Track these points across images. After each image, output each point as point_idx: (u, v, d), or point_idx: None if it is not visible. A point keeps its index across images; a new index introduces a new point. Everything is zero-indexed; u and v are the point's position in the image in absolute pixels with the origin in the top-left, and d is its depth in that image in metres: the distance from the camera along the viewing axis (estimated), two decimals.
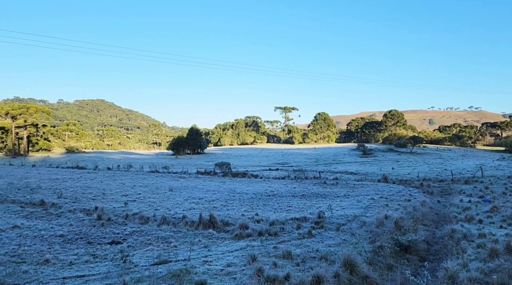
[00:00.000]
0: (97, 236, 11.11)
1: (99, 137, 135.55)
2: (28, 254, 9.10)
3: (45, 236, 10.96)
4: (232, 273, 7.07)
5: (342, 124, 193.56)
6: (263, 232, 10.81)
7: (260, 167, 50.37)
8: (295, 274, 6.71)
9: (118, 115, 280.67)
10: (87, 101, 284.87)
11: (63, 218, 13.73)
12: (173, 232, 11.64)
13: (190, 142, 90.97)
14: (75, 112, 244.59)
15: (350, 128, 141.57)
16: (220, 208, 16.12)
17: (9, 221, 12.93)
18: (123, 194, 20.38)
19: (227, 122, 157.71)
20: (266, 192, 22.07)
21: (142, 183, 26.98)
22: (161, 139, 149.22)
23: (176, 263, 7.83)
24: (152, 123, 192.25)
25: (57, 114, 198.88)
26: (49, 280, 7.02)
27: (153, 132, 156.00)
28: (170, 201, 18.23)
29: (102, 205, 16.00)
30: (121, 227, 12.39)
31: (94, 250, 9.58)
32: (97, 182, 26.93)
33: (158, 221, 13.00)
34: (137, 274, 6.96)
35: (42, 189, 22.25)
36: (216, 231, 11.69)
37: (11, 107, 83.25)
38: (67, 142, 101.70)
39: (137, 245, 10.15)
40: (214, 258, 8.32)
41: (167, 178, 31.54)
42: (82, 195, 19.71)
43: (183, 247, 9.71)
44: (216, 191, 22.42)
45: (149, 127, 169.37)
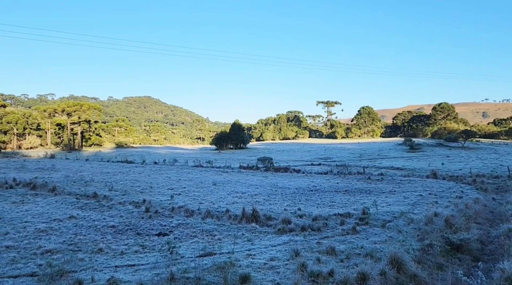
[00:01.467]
0: (145, 228, 11.57)
1: (146, 133, 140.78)
2: (83, 243, 9.66)
3: (98, 226, 11.58)
4: (276, 267, 7.09)
5: (388, 119, 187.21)
6: (306, 227, 10.74)
7: (302, 161, 50.02)
8: (339, 270, 6.62)
9: (163, 111, 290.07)
10: (134, 98, 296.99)
11: (114, 210, 14.43)
12: (217, 225, 11.86)
13: (233, 137, 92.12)
14: (123, 109, 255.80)
15: (396, 122, 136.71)
16: (263, 203, 16.20)
17: (66, 212, 13.80)
18: (169, 188, 21.05)
19: (269, 117, 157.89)
20: (309, 187, 21.89)
21: (187, 177, 27.71)
22: (205, 135, 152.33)
23: (220, 256, 7.99)
24: (195, 118, 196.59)
25: (107, 111, 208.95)
26: (103, 268, 7.41)
27: (196, 127, 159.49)
28: (214, 194, 18.59)
29: (150, 198, 16.64)
30: (167, 219, 12.81)
31: (143, 241, 9.99)
32: (145, 176, 28.01)
33: (202, 214, 13.31)
34: (184, 265, 7.17)
35: (95, 182, 23.50)
36: (259, 225, 11.77)
37: (67, 104, 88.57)
38: (116, 137, 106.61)
39: (183, 237, 10.45)
40: (257, 251, 8.39)
41: (211, 172, 32.18)
42: (131, 188, 20.59)
43: (227, 240, 9.88)
44: (259, 185, 22.55)
45: (193, 122, 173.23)
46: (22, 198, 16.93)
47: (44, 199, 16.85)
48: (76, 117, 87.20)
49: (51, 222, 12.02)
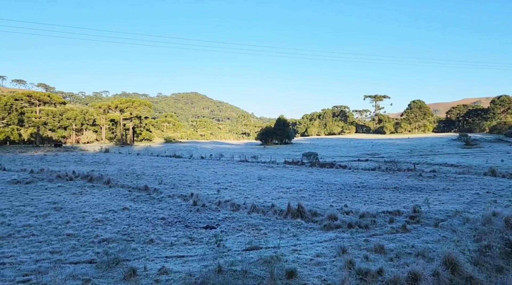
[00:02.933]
0: (193, 221, 11.90)
1: (193, 128, 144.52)
2: (136, 233, 10.13)
3: (149, 218, 12.09)
4: (322, 264, 7.02)
5: (441, 113, 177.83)
6: (353, 224, 10.51)
7: (348, 157, 48.95)
8: (388, 269, 6.42)
9: (210, 107, 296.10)
10: (182, 94, 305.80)
11: (164, 203, 14.98)
12: (263, 219, 11.94)
13: (278, 132, 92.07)
14: (172, 105, 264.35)
15: (449, 116, 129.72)
16: (308, 198, 16.08)
17: (120, 203, 14.54)
18: (216, 182, 21.48)
19: (314, 113, 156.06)
20: (355, 183, 21.40)
21: (233, 171, 28.13)
22: (250, 130, 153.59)
23: (266, 250, 8.04)
24: (241, 114, 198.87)
25: (156, 107, 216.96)
26: (154, 258, 7.73)
27: (242, 123, 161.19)
28: (259, 189, 18.72)
29: (197, 191, 17.09)
30: (214, 213, 13.10)
31: (191, 233, 10.29)
32: (192, 170, 28.80)
33: (248, 208, 13.46)
34: (231, 258, 7.30)
35: (146, 175, 24.53)
36: (305, 220, 11.70)
37: (120, 101, 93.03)
38: (165, 132, 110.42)
39: (229, 230, 10.64)
40: (303, 247, 8.34)
41: (256, 167, 32.42)
42: (179, 182, 21.26)
43: (272, 235, 9.92)
44: (304, 181, 22.40)
45: (238, 118, 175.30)
46: (80, 189, 18.05)
47: (100, 190, 17.85)
48: (128, 113, 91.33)
49: (107, 213, 12.72)
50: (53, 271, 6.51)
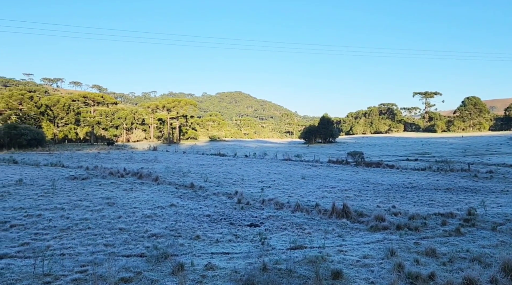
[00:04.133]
0: (238, 218, 12.05)
1: (237, 127, 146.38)
2: (183, 229, 10.43)
3: (195, 215, 12.39)
4: (369, 265, 6.84)
5: (498, 110, 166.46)
6: (402, 226, 10.13)
7: (396, 156, 47.24)
8: (441, 274, 6.13)
9: (253, 105, 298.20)
10: (226, 94, 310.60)
11: (209, 200, 15.29)
12: (307, 219, 11.84)
13: (321, 131, 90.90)
14: (216, 104, 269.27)
15: (508, 113, 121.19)
16: (354, 198, 15.73)
17: (167, 200, 15.03)
18: (259, 180, 21.60)
19: (359, 111, 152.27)
20: (404, 183, 20.62)
21: (276, 170, 28.14)
22: (293, 128, 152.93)
23: (311, 250, 7.97)
24: (284, 113, 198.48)
25: (201, 106, 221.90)
26: (201, 254, 7.92)
27: (285, 121, 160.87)
28: (303, 188, 18.59)
29: (241, 189, 17.27)
30: (258, 211, 13.17)
31: (235, 230, 10.42)
32: (236, 168, 29.16)
33: (292, 207, 13.41)
34: (275, 257, 7.31)
35: (191, 173, 25.18)
36: (350, 221, 11.46)
37: (167, 101, 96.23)
38: (210, 131, 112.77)
39: (273, 229, 10.65)
40: (349, 248, 8.18)
41: (299, 166, 32.21)
42: (224, 180, 21.61)
43: (317, 235, 9.80)
44: (349, 180, 21.94)
45: (282, 116, 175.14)
46: (131, 186, 18.89)
47: (149, 187, 18.57)
48: (175, 112, 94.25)
49: (155, 209, 13.21)
50: (108, 263, 6.87)
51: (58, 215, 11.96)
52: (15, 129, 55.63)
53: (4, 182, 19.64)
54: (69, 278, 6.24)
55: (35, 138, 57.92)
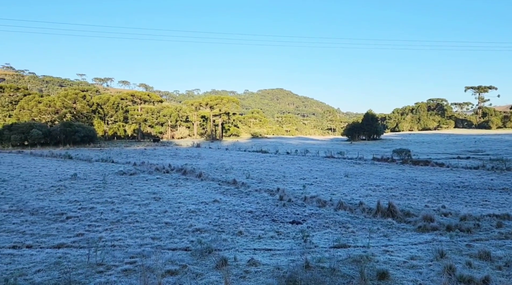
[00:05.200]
0: (280, 215, 12.05)
1: (278, 124, 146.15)
2: (225, 225, 10.61)
3: (238, 211, 12.55)
4: (417, 267, 6.58)
5: None
6: (452, 227, 9.66)
7: (446, 154, 45.05)
8: (496, 279, 5.78)
9: (295, 102, 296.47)
10: (268, 91, 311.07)
11: (251, 196, 15.41)
12: (350, 217, 11.62)
13: (365, 128, 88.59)
14: (258, 101, 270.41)
15: None
16: (400, 197, 15.20)
17: (211, 196, 15.33)
18: (301, 177, 21.46)
19: (405, 107, 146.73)
20: (454, 182, 19.62)
21: (318, 167, 27.82)
22: (335, 125, 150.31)
23: (355, 249, 7.80)
24: (326, 109, 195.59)
25: (243, 104, 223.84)
26: (243, 249, 8.01)
27: (327, 118, 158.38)
28: (346, 186, 18.24)
29: (283, 186, 17.25)
30: (300, 208, 13.10)
31: (277, 227, 10.44)
32: (278, 165, 29.15)
33: (335, 205, 13.20)
34: (318, 255, 7.24)
35: (234, 169, 25.49)
36: (396, 220, 11.09)
37: (210, 98, 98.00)
38: (252, 128, 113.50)
39: (315, 226, 10.55)
40: (395, 248, 7.92)
41: (342, 163, 31.61)
42: (265, 177, 21.68)
43: (361, 234, 9.59)
44: (395, 178, 21.22)
45: (324, 113, 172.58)
46: (176, 181, 19.46)
47: (192, 183, 19.04)
48: (217, 110, 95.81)
49: (199, 204, 13.52)
50: (155, 256, 7.14)
51: (109, 208, 12.59)
52: (69, 126, 59.15)
53: (61, 176, 20.96)
54: (119, 268, 6.55)
55: (88, 135, 61.26)
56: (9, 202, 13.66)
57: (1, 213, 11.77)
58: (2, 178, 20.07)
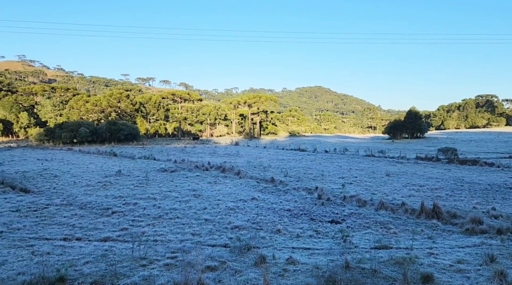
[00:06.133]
0: (318, 214, 11.91)
1: (316, 122, 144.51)
2: (264, 222, 10.64)
3: (276, 209, 12.54)
4: (464, 271, 6.26)
5: None
6: (504, 230, 9.11)
7: (497, 154, 42.55)
8: None
9: (333, 100, 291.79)
10: (306, 88, 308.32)
11: (289, 195, 15.35)
12: (392, 218, 11.27)
13: (408, 125, 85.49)
14: (296, 99, 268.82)
15: None
16: (445, 198, 14.55)
17: (249, 193, 15.43)
18: (340, 176, 21.09)
19: (451, 103, 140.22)
20: (506, 183, 18.50)
21: (358, 166, 27.22)
22: (376, 123, 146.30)
23: (397, 250, 7.56)
24: (366, 107, 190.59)
25: (281, 102, 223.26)
26: (282, 248, 8.00)
27: (367, 116, 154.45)
28: (387, 186, 17.71)
29: (321, 185, 17.03)
30: (339, 207, 12.89)
31: (316, 226, 10.33)
32: (316, 164, 28.83)
33: (375, 205, 12.87)
34: (358, 255, 7.08)
35: (272, 167, 25.51)
36: (441, 222, 10.63)
37: (248, 97, 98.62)
38: (289, 126, 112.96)
39: (355, 226, 10.34)
40: (441, 251, 7.59)
41: (383, 162, 30.73)
42: (303, 175, 21.51)
43: (404, 235, 9.28)
44: (440, 178, 20.34)
45: (364, 111, 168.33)
46: (215, 179, 19.77)
47: (231, 181, 19.26)
48: (255, 108, 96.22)
49: (238, 202, 13.65)
50: (195, 251, 7.29)
51: (151, 204, 13.01)
52: (114, 125, 61.75)
53: (106, 172, 21.94)
54: (161, 262, 6.75)
55: (131, 134, 63.68)
56: (60, 196, 14.49)
57: (54, 206, 12.51)
58: (54, 173, 21.32)
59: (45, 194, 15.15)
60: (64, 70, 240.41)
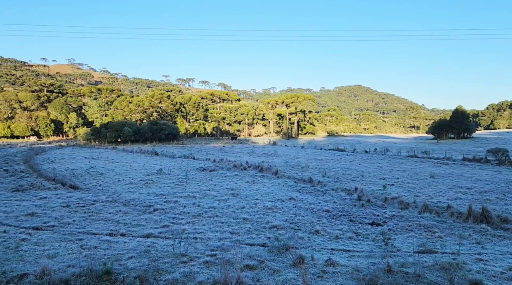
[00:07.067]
0: (358, 216, 11.65)
1: (356, 122, 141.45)
2: (302, 223, 10.55)
3: (314, 209, 12.41)
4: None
5: None
6: None
7: None
8: None
9: (374, 99, 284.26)
10: (345, 88, 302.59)
11: (328, 195, 15.13)
12: (437, 221, 10.81)
13: (454, 125, 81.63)
14: (334, 99, 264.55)
15: None
16: (495, 201, 13.74)
17: (287, 193, 15.38)
18: (381, 177, 20.51)
19: (502, 102, 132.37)
20: None
21: (400, 167, 26.35)
22: (419, 123, 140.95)
23: (443, 255, 7.24)
24: (409, 106, 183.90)
25: (319, 101, 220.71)
26: (320, 249, 7.90)
27: (410, 115, 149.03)
28: (432, 188, 17.00)
29: (361, 186, 16.65)
30: (380, 209, 12.54)
31: (356, 228, 10.10)
32: (356, 164, 28.21)
33: (419, 207, 12.40)
34: (401, 259, 6.85)
35: (310, 167, 25.26)
36: (491, 227, 10.05)
37: (286, 97, 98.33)
38: (328, 126, 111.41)
39: (397, 229, 10.01)
40: (491, 257, 7.18)
41: (427, 163, 29.53)
42: (342, 176, 21.12)
43: (449, 239, 8.87)
44: (489, 181, 19.24)
45: (406, 110, 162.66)
46: (253, 178, 19.87)
47: (269, 180, 19.27)
48: (293, 108, 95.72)
49: (275, 201, 13.64)
50: (234, 250, 7.36)
51: (191, 202, 13.29)
52: (156, 125, 63.72)
53: (148, 171, 22.69)
54: (201, 260, 6.87)
55: (171, 133, 65.42)
56: (106, 193, 15.16)
57: (100, 203, 13.10)
58: (100, 171, 22.33)
59: (92, 190, 15.91)
60: (109, 72, 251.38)
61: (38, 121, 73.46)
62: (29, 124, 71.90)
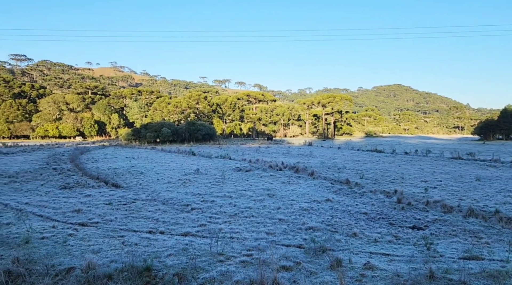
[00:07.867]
0: (398, 219, 11.29)
1: (395, 122, 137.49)
2: (339, 225, 10.37)
3: (351, 212, 12.16)
4: None
5: None
6: None
7: None
8: None
9: (414, 99, 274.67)
10: (384, 87, 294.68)
11: (365, 197, 14.77)
12: (483, 226, 10.26)
13: (502, 125, 77.35)
14: (372, 98, 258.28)
15: None
16: None
17: (323, 195, 15.17)
18: (422, 180, 19.77)
19: None
20: None
21: (443, 169, 25.26)
22: (464, 123, 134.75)
23: (490, 262, 6.85)
24: (453, 105, 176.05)
25: (357, 101, 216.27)
26: (358, 252, 7.72)
27: (454, 115, 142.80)
28: (478, 191, 16.16)
29: (401, 188, 16.13)
30: (421, 213, 12.08)
31: (395, 231, 9.80)
32: (395, 166, 27.37)
33: (463, 212, 11.83)
34: (444, 265, 6.56)
35: (347, 169, 24.79)
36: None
37: (322, 97, 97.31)
38: (365, 127, 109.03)
39: (440, 234, 9.60)
40: None
41: (472, 165, 28.12)
42: (381, 177, 20.55)
43: (498, 246, 8.39)
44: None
45: (450, 110, 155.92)
46: (288, 179, 19.78)
47: (305, 181, 19.10)
48: (330, 108, 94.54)
49: (311, 203, 13.50)
50: (270, 250, 7.35)
51: (227, 202, 13.44)
52: (193, 125, 65.08)
53: (186, 170, 23.19)
54: (238, 259, 6.92)
55: (208, 134, 66.58)
56: (146, 192, 15.64)
57: (140, 201, 13.54)
58: (140, 170, 23.09)
59: (132, 189, 16.48)
60: (149, 74, 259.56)
61: (83, 122, 77.28)
62: (75, 125, 75.83)
